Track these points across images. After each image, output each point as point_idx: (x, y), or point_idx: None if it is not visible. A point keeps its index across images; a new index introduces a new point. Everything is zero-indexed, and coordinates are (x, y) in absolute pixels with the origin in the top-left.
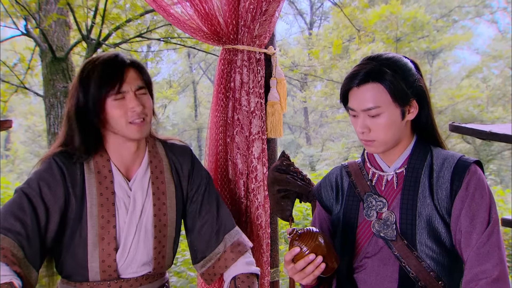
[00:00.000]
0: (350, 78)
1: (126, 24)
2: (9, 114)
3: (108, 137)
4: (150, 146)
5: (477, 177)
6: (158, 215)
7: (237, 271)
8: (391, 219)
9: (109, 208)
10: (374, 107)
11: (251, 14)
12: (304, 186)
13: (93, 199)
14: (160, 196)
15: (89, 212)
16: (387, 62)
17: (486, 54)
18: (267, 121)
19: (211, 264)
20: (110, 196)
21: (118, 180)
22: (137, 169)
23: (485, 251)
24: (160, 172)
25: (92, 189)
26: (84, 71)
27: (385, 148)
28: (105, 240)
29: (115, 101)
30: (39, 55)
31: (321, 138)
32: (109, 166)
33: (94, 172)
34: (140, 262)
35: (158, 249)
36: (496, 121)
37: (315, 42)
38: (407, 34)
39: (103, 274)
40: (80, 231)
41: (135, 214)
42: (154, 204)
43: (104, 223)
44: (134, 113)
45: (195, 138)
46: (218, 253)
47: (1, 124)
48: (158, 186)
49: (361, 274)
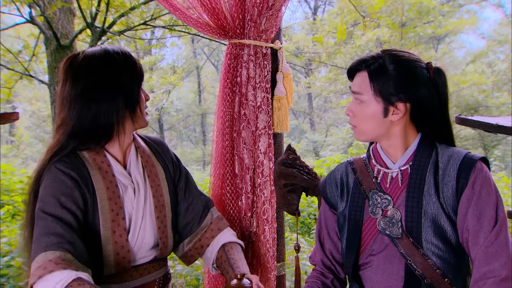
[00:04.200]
0: (356, 61)
1: (130, 11)
2: (14, 99)
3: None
4: None
5: (483, 175)
6: (156, 196)
7: (225, 239)
8: (397, 216)
9: (117, 200)
10: (358, 92)
11: (258, 8)
12: (310, 180)
13: (103, 194)
14: (154, 178)
15: (100, 208)
16: (390, 59)
17: (491, 39)
18: (273, 115)
19: (198, 237)
20: (115, 189)
21: (118, 169)
22: (128, 155)
23: (493, 250)
24: (148, 157)
25: (99, 185)
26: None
27: (365, 138)
28: (117, 233)
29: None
30: (43, 42)
31: (325, 123)
32: (107, 161)
33: (96, 169)
34: (149, 246)
35: (162, 229)
36: (501, 107)
37: (320, 28)
38: (413, 19)
39: (117, 267)
40: (93, 227)
41: (141, 198)
42: (151, 186)
43: (114, 216)
44: (146, 102)
45: (199, 124)
46: (206, 225)
47: (7, 116)
48: (150, 169)
49: (366, 271)
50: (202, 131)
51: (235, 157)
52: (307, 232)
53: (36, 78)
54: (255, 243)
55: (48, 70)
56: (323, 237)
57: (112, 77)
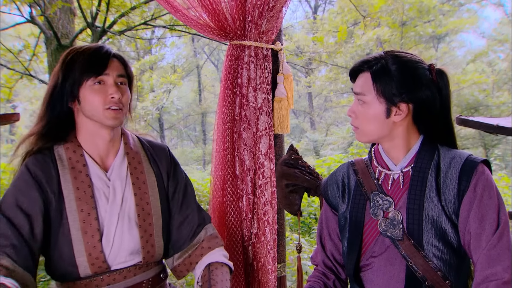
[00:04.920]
0: (358, 61)
1: (131, 11)
2: (14, 98)
3: (81, 125)
4: (126, 139)
5: (485, 178)
6: (140, 204)
7: (212, 259)
8: (398, 218)
9: (88, 201)
10: (360, 92)
11: (258, 10)
12: (312, 181)
13: (70, 194)
14: (140, 186)
15: (68, 208)
16: (392, 60)
17: (492, 38)
18: (274, 117)
19: (188, 254)
20: (87, 189)
21: (95, 171)
22: (113, 160)
23: (496, 253)
24: (138, 163)
25: (67, 185)
26: (68, 56)
27: (367, 139)
28: (88, 233)
29: (95, 85)
30: (44, 42)
31: (325, 122)
32: (83, 160)
33: (68, 168)
34: (128, 251)
35: (145, 238)
36: (501, 106)
37: (320, 27)
38: (413, 18)
39: (92, 267)
40: (62, 228)
41: (116, 203)
42: (135, 193)
43: (85, 217)
44: (112, 99)
45: (200, 123)
46: (197, 242)
47: (8, 117)
48: (137, 176)
49: (367, 273)
50: (202, 130)
51: (235, 158)
52: (308, 232)
53: (37, 78)
54: (256, 244)
55: (49, 70)
56: (324, 238)
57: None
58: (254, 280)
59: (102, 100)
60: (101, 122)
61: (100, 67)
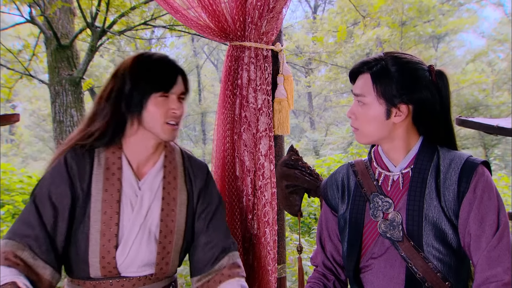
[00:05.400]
0: (358, 63)
1: (130, 11)
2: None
3: (132, 131)
4: (168, 152)
5: (484, 179)
6: (165, 221)
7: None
8: (398, 219)
9: (113, 205)
10: (360, 94)
11: (258, 11)
12: (312, 181)
13: (98, 194)
14: (170, 202)
15: (93, 207)
16: (392, 61)
17: (491, 38)
18: (274, 118)
19: (207, 279)
20: (116, 193)
21: (128, 177)
22: (149, 170)
23: (496, 255)
24: (173, 178)
25: (98, 184)
26: (139, 63)
27: (367, 140)
28: (106, 236)
29: (160, 99)
30: (43, 42)
31: (325, 122)
32: (119, 163)
33: (103, 168)
34: (141, 263)
35: (162, 255)
36: (501, 106)
37: (320, 26)
38: (413, 18)
39: (103, 270)
40: (83, 225)
41: (140, 214)
42: (162, 209)
43: (107, 219)
44: (174, 114)
45: (199, 123)
46: (219, 268)
47: (8, 117)
48: (169, 192)
49: (367, 274)
50: (202, 130)
51: (235, 159)
52: (307, 231)
53: (36, 78)
54: (256, 245)
55: (48, 70)
56: (324, 239)
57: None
58: (254, 281)
59: (164, 113)
60: (157, 135)
61: (170, 83)
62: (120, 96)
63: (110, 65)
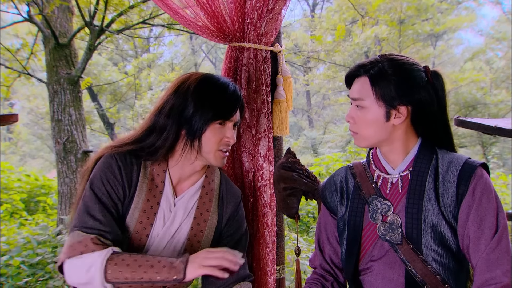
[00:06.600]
0: (353, 66)
1: (129, 10)
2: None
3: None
4: (209, 173)
5: (483, 181)
6: (191, 240)
7: None
8: (397, 222)
9: (150, 216)
10: (358, 98)
11: (258, 12)
12: (310, 184)
13: (139, 203)
14: (200, 223)
15: (131, 214)
16: (388, 63)
17: (490, 36)
18: (273, 119)
19: None
20: (155, 205)
21: (167, 191)
22: (188, 188)
23: (495, 257)
24: (209, 200)
25: (141, 193)
26: (204, 86)
27: (367, 144)
28: (135, 244)
29: (217, 126)
30: (42, 41)
31: (323, 120)
32: (163, 176)
33: (148, 178)
34: None
35: None
36: (499, 104)
37: (318, 25)
38: (411, 16)
39: None
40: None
41: (170, 231)
42: (192, 228)
43: (140, 229)
44: (227, 142)
45: None
46: None
47: (7, 118)
48: (202, 212)
49: (367, 276)
50: None
51: (235, 160)
52: (306, 231)
53: (35, 77)
54: (255, 246)
55: (47, 68)
56: (322, 242)
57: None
58: (253, 282)
59: (219, 141)
60: (208, 160)
61: (231, 113)
62: (181, 116)
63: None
